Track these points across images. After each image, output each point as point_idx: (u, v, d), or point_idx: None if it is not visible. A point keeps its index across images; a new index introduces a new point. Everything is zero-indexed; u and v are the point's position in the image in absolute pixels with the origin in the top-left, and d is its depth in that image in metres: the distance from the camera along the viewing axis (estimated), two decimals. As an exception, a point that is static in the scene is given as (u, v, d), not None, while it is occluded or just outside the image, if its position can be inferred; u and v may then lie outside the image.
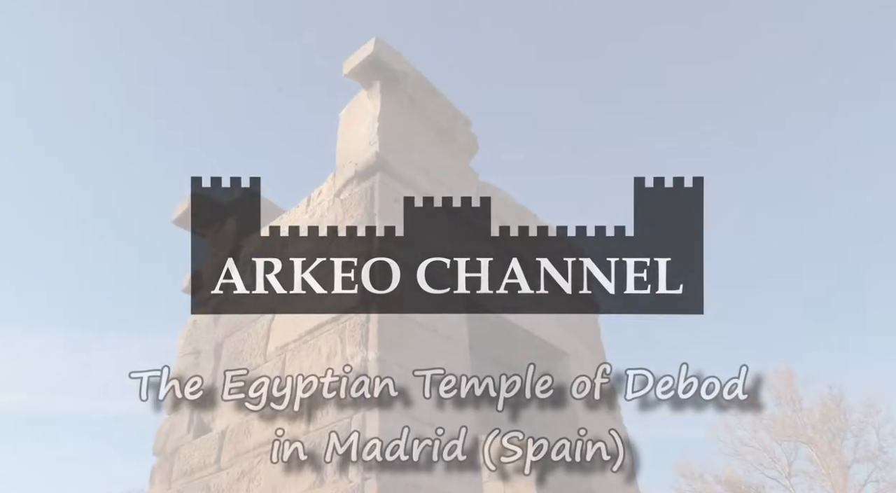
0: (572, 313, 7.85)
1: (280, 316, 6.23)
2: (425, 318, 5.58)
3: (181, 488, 6.13)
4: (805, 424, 31.89)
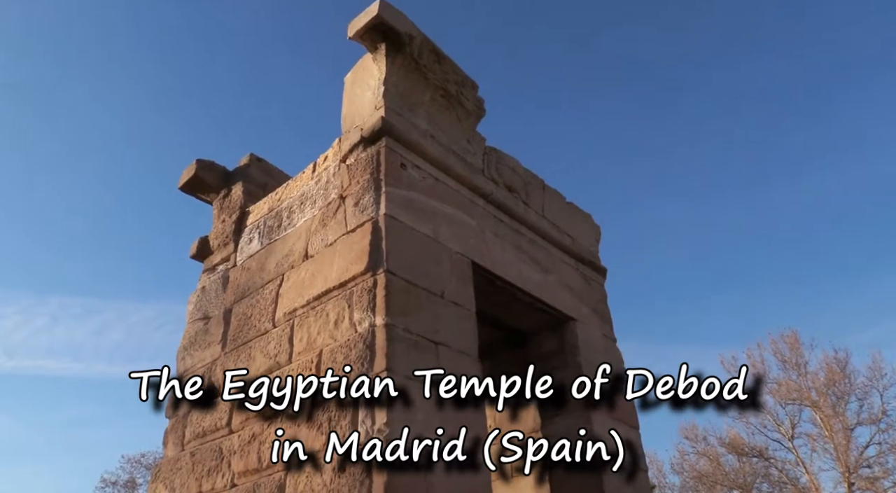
0: (580, 277, 7.86)
1: (288, 282, 6.26)
2: (432, 283, 5.59)
3: (193, 449, 6.26)
4: (809, 387, 32.12)
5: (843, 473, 29.59)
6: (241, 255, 7.33)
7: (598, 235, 8.73)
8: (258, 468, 5.35)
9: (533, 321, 7.35)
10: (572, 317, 7.28)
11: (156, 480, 6.58)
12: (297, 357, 5.65)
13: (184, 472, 6.21)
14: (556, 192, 8.17)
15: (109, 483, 41.19)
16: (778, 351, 33.56)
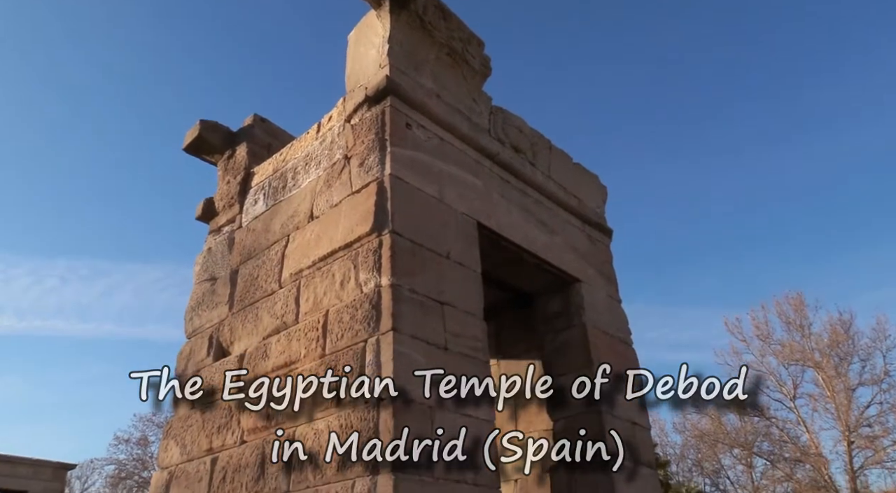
0: (586, 238, 7.83)
1: (293, 243, 6.26)
2: (438, 244, 5.58)
3: (203, 408, 6.35)
4: (813, 348, 32.31)
5: (844, 432, 29.97)
6: (247, 216, 7.32)
7: (604, 195, 8.68)
8: (267, 424, 5.44)
9: (538, 282, 7.36)
10: (578, 278, 7.28)
11: (167, 437, 6.71)
12: (303, 317, 5.69)
13: (194, 429, 6.32)
14: (563, 152, 8.08)
15: (122, 441, 42.15)
16: (782, 313, 33.66)
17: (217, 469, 5.75)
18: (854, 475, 29.77)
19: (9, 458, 30.17)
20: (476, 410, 5.01)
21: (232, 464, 5.61)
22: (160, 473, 6.53)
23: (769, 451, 34.86)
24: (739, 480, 39.32)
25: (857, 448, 30.02)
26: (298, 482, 4.85)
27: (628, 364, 7.34)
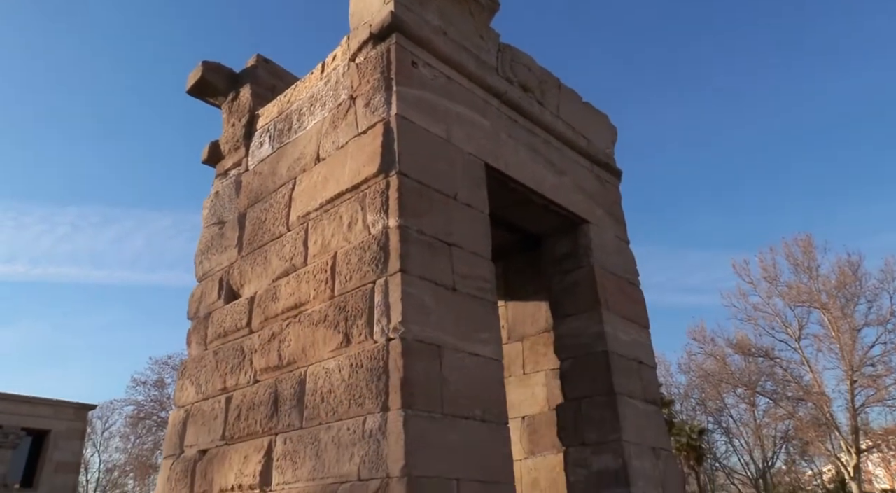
0: (594, 179, 7.75)
1: (300, 185, 6.23)
2: (445, 185, 5.53)
3: (216, 349, 6.48)
4: (820, 290, 32.40)
5: (847, 371, 30.37)
6: (253, 159, 7.27)
7: (614, 136, 8.54)
8: (279, 364, 5.54)
9: (547, 224, 7.33)
10: (586, 219, 7.24)
11: (182, 377, 6.87)
12: (311, 260, 5.71)
13: (208, 369, 6.46)
14: (572, 91, 7.91)
15: (140, 383, 43.35)
16: (790, 255, 33.63)
17: (232, 407, 5.90)
18: (855, 412, 30.32)
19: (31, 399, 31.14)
20: (484, 348, 5.07)
21: (246, 402, 5.75)
22: (177, 411, 6.71)
23: (772, 390, 35.48)
24: (742, 418, 40.20)
25: (860, 387, 30.47)
26: (311, 420, 4.98)
27: (636, 305, 7.38)
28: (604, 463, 6.19)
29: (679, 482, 6.80)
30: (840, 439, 31.18)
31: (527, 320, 7.78)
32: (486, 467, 4.62)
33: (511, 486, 4.75)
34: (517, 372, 7.59)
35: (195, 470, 6.00)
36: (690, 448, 32.92)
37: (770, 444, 39.74)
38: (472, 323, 5.09)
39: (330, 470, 4.62)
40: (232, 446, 5.70)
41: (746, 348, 34.90)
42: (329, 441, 4.72)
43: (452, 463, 4.40)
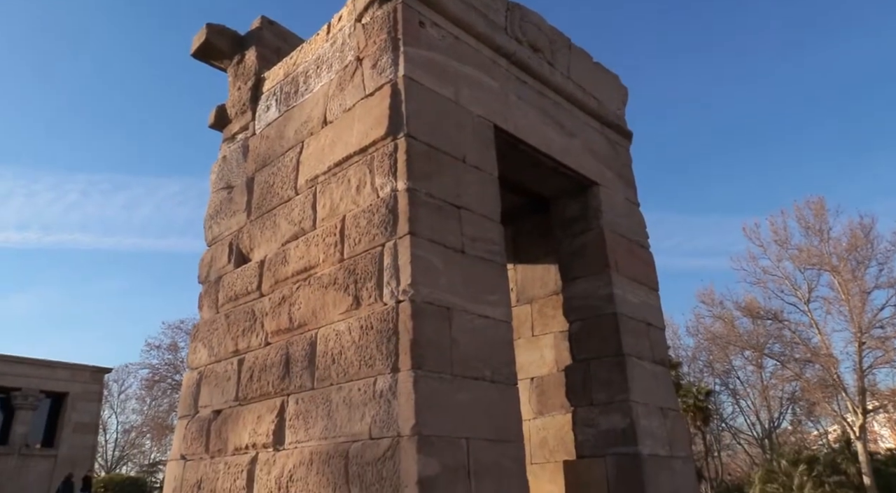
0: (605, 141, 7.67)
1: (308, 149, 6.20)
2: (454, 147, 5.49)
3: (228, 312, 6.55)
4: (831, 253, 32.23)
5: (856, 333, 30.40)
6: (260, 123, 7.22)
7: (624, 97, 8.41)
8: (290, 327, 5.60)
9: (556, 186, 7.28)
10: (596, 181, 7.19)
11: (195, 340, 6.97)
12: (320, 223, 5.72)
13: (220, 332, 6.54)
14: (583, 51, 7.76)
15: (154, 347, 44.09)
16: (802, 218, 33.37)
17: (244, 369, 5.99)
18: (862, 373, 30.46)
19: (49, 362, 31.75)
20: (493, 310, 5.10)
21: (258, 364, 5.83)
22: (191, 373, 6.83)
23: (780, 352, 35.63)
24: (749, 380, 40.54)
25: (868, 349, 30.54)
26: (322, 380, 5.05)
27: (645, 268, 7.37)
28: (612, 423, 6.27)
29: (686, 440, 6.89)
30: (846, 400, 31.39)
31: (536, 282, 7.80)
32: (495, 426, 4.68)
33: (520, 444, 4.83)
34: (526, 334, 7.65)
35: (210, 430, 6.13)
36: (697, 409, 33.29)
37: (776, 405, 40.13)
38: (481, 285, 5.10)
39: (341, 429, 4.70)
40: (245, 406, 5.81)
41: (755, 311, 34.94)
42: (340, 402, 4.80)
43: (462, 423, 4.46)
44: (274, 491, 5.09)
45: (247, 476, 5.45)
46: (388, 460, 4.25)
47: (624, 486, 6.01)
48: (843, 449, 31.16)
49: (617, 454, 6.16)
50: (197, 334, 6.97)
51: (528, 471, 5.02)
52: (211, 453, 6.02)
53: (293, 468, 4.99)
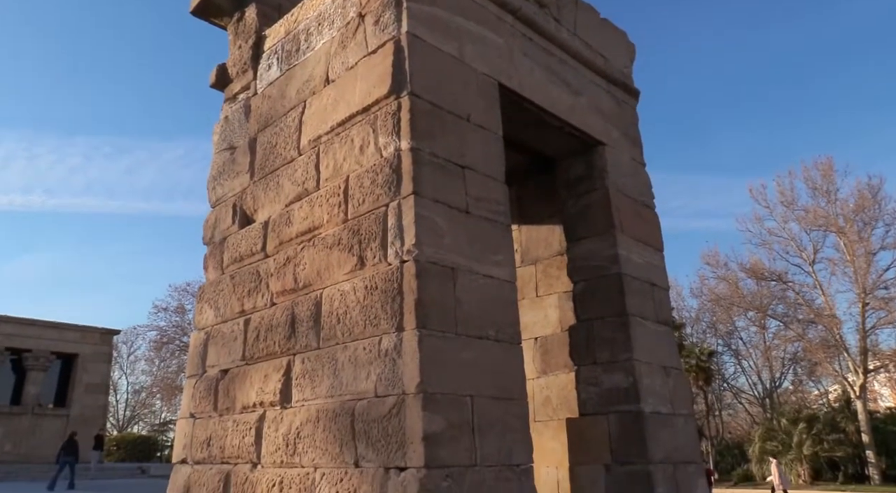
0: (611, 99, 7.55)
1: (310, 109, 6.13)
2: (458, 106, 5.41)
3: (233, 273, 6.57)
4: (837, 214, 32.09)
5: (859, 294, 30.46)
6: (261, 82, 7.13)
7: (632, 54, 8.25)
8: (294, 287, 5.62)
9: (561, 146, 7.21)
10: (602, 141, 7.10)
11: (201, 301, 7.01)
12: (324, 184, 5.69)
13: (226, 293, 6.58)
14: (590, 6, 7.59)
15: (161, 309, 44.57)
16: (809, 178, 33.13)
17: (250, 329, 6.04)
18: (865, 334, 30.62)
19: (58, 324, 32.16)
20: (497, 270, 5.10)
21: (264, 324, 5.88)
22: (197, 333, 6.89)
23: (783, 313, 35.81)
24: (752, 340, 40.84)
25: (871, 310, 30.64)
26: (327, 340, 5.09)
27: (650, 228, 7.34)
28: (614, 381, 6.34)
29: (688, 398, 6.96)
30: (848, 360, 31.64)
31: (540, 243, 7.79)
32: (499, 384, 4.73)
33: (524, 402, 4.89)
34: (530, 295, 7.67)
35: (218, 389, 6.22)
36: (699, 370, 33.66)
37: (778, 365, 40.50)
38: (485, 245, 5.10)
39: (347, 388, 4.76)
40: (252, 365, 5.88)
41: (759, 273, 34.98)
42: (346, 360, 4.85)
43: (466, 380, 4.51)
44: (282, 447, 5.19)
45: (255, 433, 5.55)
46: (393, 417, 4.31)
47: (626, 443, 6.11)
48: (842, 408, 31.55)
49: (619, 411, 6.24)
50: (203, 294, 7.02)
51: (532, 428, 5.09)
52: (219, 411, 6.12)
53: (300, 426, 5.08)
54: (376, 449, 4.37)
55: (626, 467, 6.05)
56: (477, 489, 4.27)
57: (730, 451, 35.71)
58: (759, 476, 30.36)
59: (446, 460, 4.16)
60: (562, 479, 6.70)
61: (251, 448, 5.54)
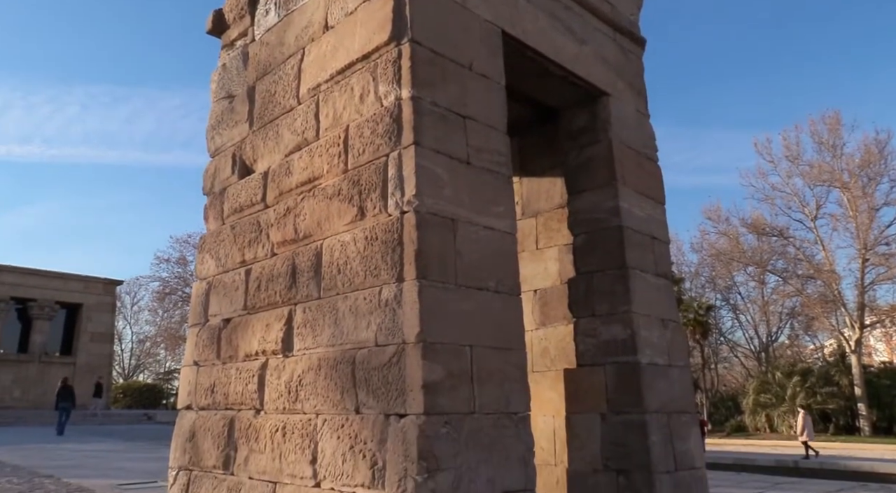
0: (617, 48, 7.39)
1: (309, 56, 6.01)
2: (460, 54, 5.30)
3: (233, 223, 6.57)
4: (842, 169, 31.85)
5: (860, 250, 30.51)
6: (259, 28, 6.97)
7: (639, 1, 8.03)
8: (295, 238, 5.62)
9: (564, 96, 7.09)
10: (606, 92, 6.98)
11: (202, 251, 7.03)
12: (324, 133, 5.62)
13: (227, 243, 6.59)
14: (597, -50, 7.34)
15: (163, 260, 44.83)
16: (816, 133, 32.77)
17: (252, 279, 6.07)
18: (863, 289, 30.81)
19: (62, 274, 32.38)
20: (498, 222, 5.09)
21: (265, 275, 5.90)
22: (199, 283, 6.93)
23: (783, 269, 35.98)
24: (750, 295, 41.16)
25: (871, 265, 30.76)
26: (328, 290, 5.12)
27: (652, 181, 7.29)
28: (612, 333, 6.40)
29: (684, 350, 7.05)
30: (845, 315, 31.94)
31: (541, 195, 7.75)
32: (498, 334, 4.78)
33: (522, 352, 4.95)
34: (530, 247, 7.68)
35: (220, 337, 6.29)
36: (697, 324, 34.02)
37: (775, 320, 40.92)
38: (486, 197, 5.07)
39: (348, 337, 4.82)
40: (254, 315, 5.93)
41: (761, 228, 34.98)
42: (346, 310, 4.88)
43: (466, 331, 4.55)
44: (284, 395, 5.28)
45: (258, 381, 5.64)
46: (393, 365, 4.37)
47: (622, 393, 6.21)
48: (837, 362, 32.02)
49: (617, 362, 6.32)
50: (204, 245, 7.03)
51: (530, 379, 5.17)
52: (222, 359, 6.21)
53: (302, 374, 5.16)
54: (377, 396, 4.44)
55: (622, 416, 6.17)
56: (475, 435, 4.36)
57: (724, 403, 36.41)
58: (751, 427, 31.06)
59: (445, 407, 4.23)
60: (558, 427, 6.84)
61: (254, 395, 5.64)
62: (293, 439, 5.06)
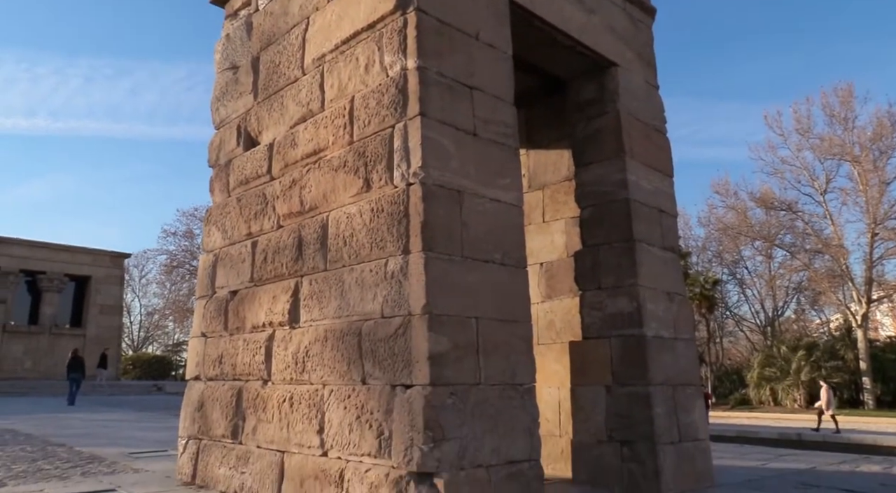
0: (626, 18, 7.26)
1: (314, 26, 5.93)
2: (466, 23, 5.21)
3: (239, 195, 6.56)
4: (854, 142, 31.46)
5: (869, 225, 30.29)
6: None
7: (650, -31, 7.86)
8: (301, 210, 5.61)
9: (572, 67, 6.99)
10: (615, 62, 6.88)
11: (209, 223, 7.04)
12: (329, 105, 5.57)
13: (233, 216, 6.59)
14: (607, -84, 7.17)
15: (170, 234, 44.97)
16: (827, 105, 32.29)
17: (258, 252, 6.08)
18: (871, 264, 30.66)
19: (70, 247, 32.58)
20: (504, 194, 5.06)
21: (271, 247, 5.91)
22: (206, 256, 6.95)
23: (791, 243, 35.77)
24: (757, 270, 41.01)
25: (880, 240, 30.55)
26: (334, 262, 5.12)
27: (661, 153, 7.22)
28: (618, 306, 6.40)
29: (690, 323, 7.04)
30: (853, 289, 31.83)
31: (548, 168, 7.69)
32: (504, 307, 4.78)
33: (528, 324, 4.95)
34: (537, 220, 7.65)
35: (227, 309, 6.33)
36: (703, 298, 33.98)
37: (782, 294, 40.82)
38: (492, 168, 5.03)
39: (354, 308, 4.83)
40: (261, 287, 5.95)
41: (769, 202, 34.72)
42: (353, 282, 4.89)
43: (472, 302, 4.55)
44: (291, 365, 5.33)
45: (265, 352, 5.69)
46: (399, 337, 4.39)
47: (627, 365, 6.23)
48: (843, 337, 32.01)
49: (622, 335, 6.33)
50: (210, 217, 7.03)
51: (535, 351, 5.18)
52: (230, 330, 6.25)
53: (309, 345, 5.19)
54: (383, 368, 4.47)
55: (627, 388, 6.20)
56: (481, 405, 4.39)
57: (728, 376, 36.54)
58: (755, 401, 31.20)
59: (451, 378, 4.26)
60: (563, 399, 6.89)
61: (261, 366, 5.69)
62: (300, 409, 5.11)
